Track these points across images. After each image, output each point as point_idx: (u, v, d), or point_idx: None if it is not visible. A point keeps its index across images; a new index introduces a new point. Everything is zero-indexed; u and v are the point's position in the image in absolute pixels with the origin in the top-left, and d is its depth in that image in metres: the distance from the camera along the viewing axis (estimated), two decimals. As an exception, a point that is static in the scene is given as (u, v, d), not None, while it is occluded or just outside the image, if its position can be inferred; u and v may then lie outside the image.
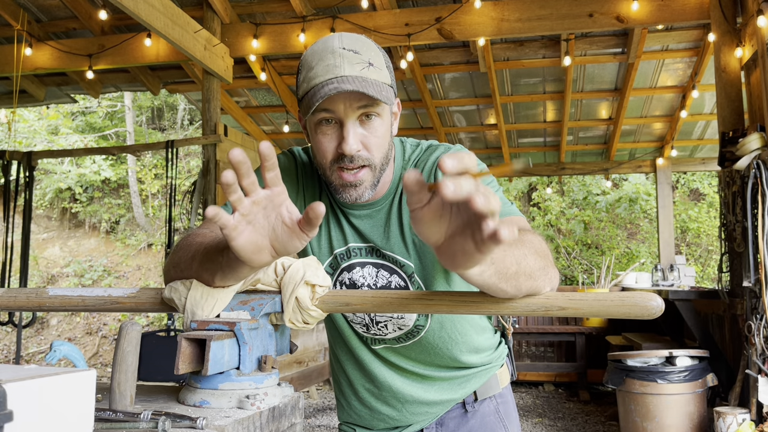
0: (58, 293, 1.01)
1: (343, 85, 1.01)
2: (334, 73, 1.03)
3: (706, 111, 6.45)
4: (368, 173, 1.09)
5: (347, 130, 1.06)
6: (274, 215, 0.80)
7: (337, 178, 1.10)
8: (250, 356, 0.89)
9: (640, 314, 0.80)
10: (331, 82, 1.02)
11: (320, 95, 1.02)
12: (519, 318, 6.04)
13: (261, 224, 0.80)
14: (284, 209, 0.80)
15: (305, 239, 0.81)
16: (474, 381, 1.31)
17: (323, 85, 1.03)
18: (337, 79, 1.02)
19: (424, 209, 0.66)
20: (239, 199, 0.76)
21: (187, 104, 12.91)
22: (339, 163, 1.08)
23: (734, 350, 4.01)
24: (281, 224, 0.80)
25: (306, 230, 0.79)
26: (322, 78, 1.04)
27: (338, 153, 1.07)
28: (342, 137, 1.06)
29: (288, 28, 4.88)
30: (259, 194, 0.78)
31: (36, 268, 11.07)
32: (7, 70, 5.18)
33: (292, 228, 0.80)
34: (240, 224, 0.77)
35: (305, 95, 1.06)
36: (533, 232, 0.94)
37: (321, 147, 1.09)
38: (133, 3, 3.49)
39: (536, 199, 11.68)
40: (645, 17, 4.41)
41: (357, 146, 1.06)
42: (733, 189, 3.72)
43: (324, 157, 1.09)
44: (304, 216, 0.78)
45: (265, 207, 0.79)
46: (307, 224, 0.78)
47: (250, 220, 0.78)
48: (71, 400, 0.63)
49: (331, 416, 5.47)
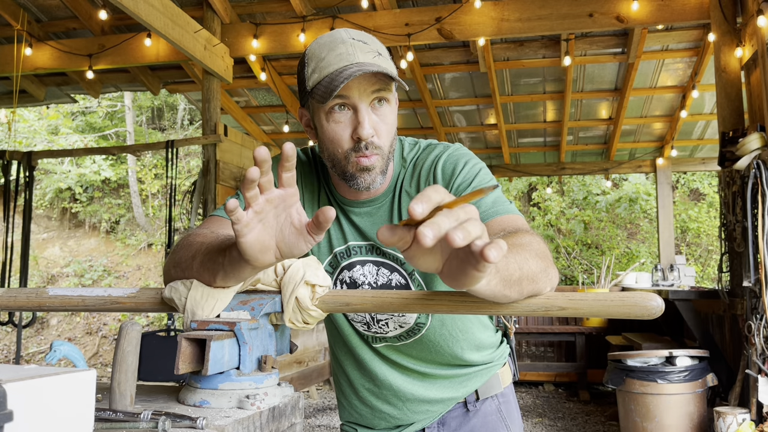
0: (58, 293, 1.01)
1: (366, 67, 1.02)
2: (349, 60, 1.04)
3: (706, 111, 6.45)
4: (379, 159, 1.10)
5: (362, 114, 1.06)
6: (284, 216, 0.81)
7: (354, 165, 1.09)
8: (250, 356, 0.89)
9: (640, 314, 0.80)
10: (350, 67, 1.03)
11: (342, 78, 1.02)
12: (519, 318, 6.04)
13: (270, 224, 0.80)
14: (294, 211, 0.81)
15: (311, 243, 0.81)
16: (475, 380, 1.31)
17: (342, 70, 1.03)
18: (355, 65, 1.03)
19: (412, 248, 0.66)
20: (255, 195, 0.76)
21: (187, 104, 12.91)
22: (356, 151, 1.08)
23: (734, 350, 4.01)
24: (290, 225, 0.81)
25: (314, 233, 0.80)
26: (338, 65, 1.04)
27: (354, 140, 1.08)
28: (357, 122, 1.07)
29: (288, 28, 4.88)
30: (274, 193, 0.78)
31: (36, 268, 11.07)
32: (7, 70, 5.18)
33: (300, 230, 0.81)
34: (252, 221, 0.78)
35: (318, 84, 1.06)
36: (532, 233, 0.94)
37: (335, 135, 1.09)
38: (133, 3, 3.49)
39: (536, 199, 11.68)
40: (645, 17, 4.41)
41: (371, 130, 1.07)
42: (733, 189, 3.72)
43: (339, 145, 1.09)
44: (314, 219, 0.78)
45: (276, 206, 0.80)
46: (316, 227, 0.79)
47: (262, 218, 0.79)
48: (71, 400, 0.63)
49: (331, 416, 5.47)
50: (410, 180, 1.20)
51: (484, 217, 1.06)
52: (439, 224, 0.59)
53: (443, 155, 1.18)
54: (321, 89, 1.05)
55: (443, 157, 1.17)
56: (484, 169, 1.17)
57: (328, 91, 1.03)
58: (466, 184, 1.13)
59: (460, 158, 1.17)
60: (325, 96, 1.04)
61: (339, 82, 1.02)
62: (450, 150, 1.19)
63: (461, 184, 1.13)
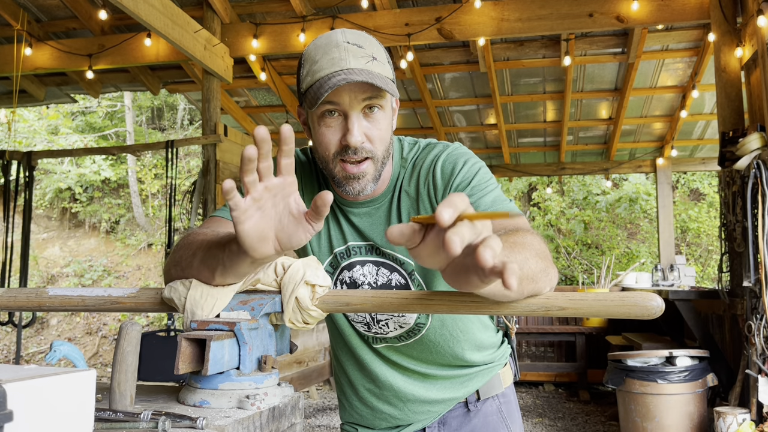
0: (58, 293, 1.01)
1: (352, 76, 1.02)
2: (339, 65, 1.04)
3: (706, 111, 6.45)
4: (371, 165, 1.10)
5: (352, 121, 1.06)
6: (282, 205, 0.80)
7: (341, 171, 1.10)
8: (250, 356, 0.89)
9: (640, 314, 0.80)
10: (339, 74, 1.03)
11: (328, 86, 1.02)
12: (519, 318, 6.04)
13: (269, 212, 0.79)
14: (292, 200, 0.80)
15: (311, 231, 0.81)
16: (476, 380, 1.31)
17: (330, 77, 1.03)
18: (344, 71, 1.03)
19: (420, 247, 0.67)
20: (254, 181, 0.76)
21: (187, 104, 12.91)
22: (342, 156, 1.08)
23: (734, 350, 4.01)
24: (288, 214, 0.80)
25: (313, 221, 0.80)
26: (328, 70, 1.04)
27: (342, 145, 1.08)
28: (346, 129, 1.07)
29: (288, 28, 4.88)
30: (272, 181, 0.78)
31: (36, 268, 11.07)
32: (7, 70, 5.18)
33: (299, 219, 0.80)
34: (250, 208, 0.77)
35: (310, 88, 1.06)
36: (532, 232, 0.94)
37: (324, 139, 1.09)
38: (133, 3, 3.49)
39: (536, 199, 11.68)
40: (645, 17, 4.41)
41: (361, 138, 1.07)
42: (733, 189, 3.72)
43: (327, 149, 1.09)
44: (312, 205, 0.78)
45: (275, 195, 0.79)
46: (315, 213, 0.78)
47: (260, 206, 0.78)
48: (71, 400, 0.63)
49: (331, 416, 5.47)
50: (409, 180, 1.20)
51: None
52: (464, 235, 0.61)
53: (442, 154, 1.18)
54: (311, 94, 1.05)
55: (442, 157, 1.17)
56: (484, 168, 1.16)
57: (316, 97, 1.03)
58: (465, 183, 1.13)
59: (459, 157, 1.16)
60: (312, 102, 1.05)
61: (325, 90, 1.02)
62: (449, 149, 1.19)
63: (460, 183, 1.13)
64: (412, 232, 0.66)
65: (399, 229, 0.65)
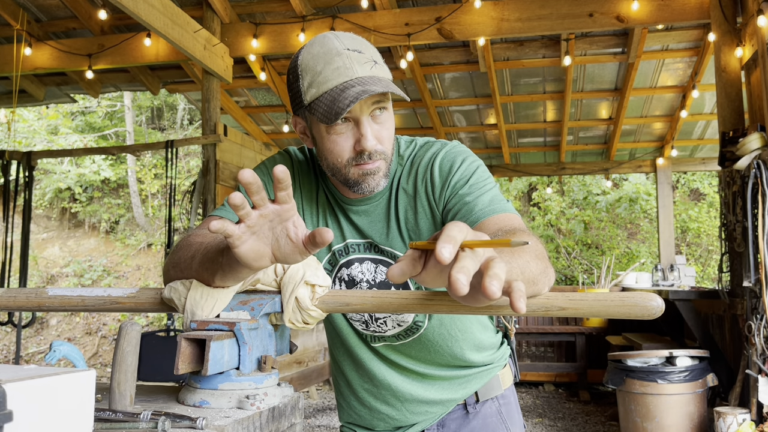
0: (58, 293, 1.01)
1: (370, 87, 1.01)
2: (347, 75, 1.03)
3: (706, 111, 6.45)
4: (383, 163, 1.11)
5: (365, 127, 1.07)
6: (279, 228, 0.80)
7: (356, 172, 1.10)
8: (249, 356, 0.89)
9: (641, 314, 0.80)
10: (352, 85, 1.02)
11: (345, 98, 1.01)
12: (519, 318, 6.04)
13: (265, 234, 0.79)
14: (291, 224, 0.80)
15: (307, 256, 0.81)
16: (475, 381, 1.30)
17: (344, 88, 1.02)
18: (356, 81, 1.02)
19: (422, 274, 0.68)
20: (247, 213, 0.76)
21: (186, 104, 12.90)
22: (357, 161, 1.09)
23: (734, 350, 4.01)
24: (285, 237, 0.80)
25: (309, 248, 0.80)
26: (337, 81, 1.03)
27: (356, 151, 1.08)
28: (360, 134, 1.07)
29: (288, 28, 4.88)
30: (268, 208, 0.78)
31: (36, 268, 11.07)
32: (6, 69, 5.18)
33: (296, 243, 0.80)
34: (244, 234, 0.77)
35: (317, 100, 1.05)
36: (529, 233, 0.93)
37: (336, 147, 1.09)
38: (133, 3, 3.48)
39: (536, 199, 11.68)
40: (645, 17, 4.41)
41: (374, 142, 1.08)
42: (733, 189, 3.72)
43: (339, 156, 1.09)
44: (310, 237, 0.77)
45: (272, 220, 0.79)
46: (312, 244, 0.78)
47: (255, 231, 0.78)
48: (71, 400, 0.63)
49: (331, 416, 5.47)
50: (407, 177, 1.19)
51: (481, 215, 1.05)
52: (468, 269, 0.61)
53: (440, 152, 1.17)
54: (323, 107, 1.04)
55: (440, 154, 1.17)
56: (482, 167, 1.16)
57: (333, 112, 1.02)
58: (463, 182, 1.12)
59: (457, 155, 1.16)
60: (329, 117, 1.03)
61: (344, 104, 1.00)
62: (447, 147, 1.19)
63: (458, 181, 1.13)
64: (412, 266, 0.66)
65: (398, 268, 0.66)
